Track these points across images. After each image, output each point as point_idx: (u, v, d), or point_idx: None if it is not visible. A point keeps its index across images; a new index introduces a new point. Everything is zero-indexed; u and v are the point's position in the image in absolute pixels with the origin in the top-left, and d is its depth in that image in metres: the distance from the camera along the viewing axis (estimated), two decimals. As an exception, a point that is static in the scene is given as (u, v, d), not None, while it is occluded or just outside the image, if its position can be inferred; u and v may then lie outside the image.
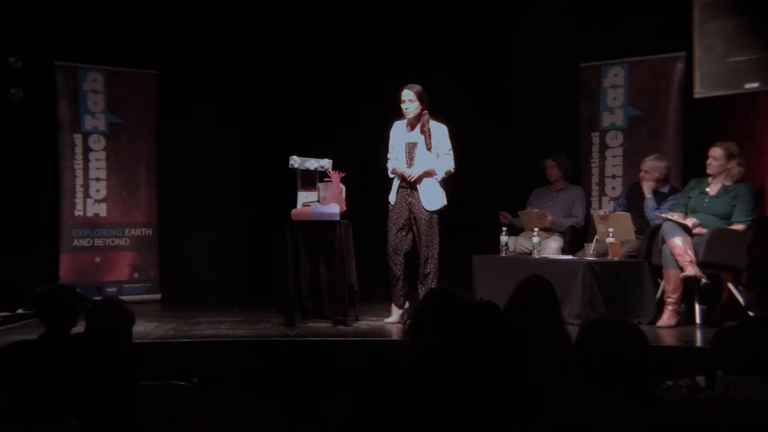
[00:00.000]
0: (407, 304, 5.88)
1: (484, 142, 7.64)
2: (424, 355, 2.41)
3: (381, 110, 6.16)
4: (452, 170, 5.87)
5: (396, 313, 5.89)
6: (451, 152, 5.87)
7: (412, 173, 5.78)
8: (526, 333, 3.02)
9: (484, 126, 7.64)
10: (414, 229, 5.85)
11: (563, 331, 3.49)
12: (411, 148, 5.85)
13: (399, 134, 5.93)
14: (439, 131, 5.86)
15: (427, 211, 5.79)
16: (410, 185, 5.83)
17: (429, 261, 5.79)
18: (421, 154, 5.82)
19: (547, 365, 2.94)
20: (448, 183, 5.94)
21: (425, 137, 5.82)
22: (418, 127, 5.84)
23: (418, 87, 5.80)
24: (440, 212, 5.85)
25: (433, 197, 5.82)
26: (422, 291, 5.72)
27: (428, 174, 5.80)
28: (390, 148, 5.97)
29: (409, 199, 5.84)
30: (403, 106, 5.81)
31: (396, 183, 5.90)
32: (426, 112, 5.82)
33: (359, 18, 7.59)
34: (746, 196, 5.71)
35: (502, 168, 7.53)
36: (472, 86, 7.71)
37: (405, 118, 5.86)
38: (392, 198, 5.91)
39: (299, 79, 7.72)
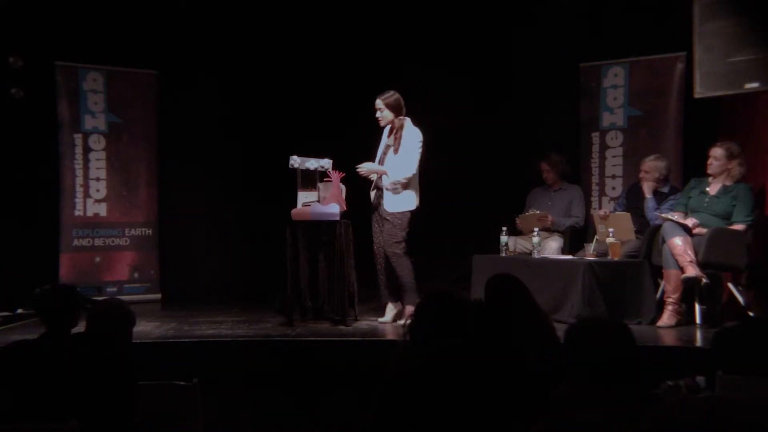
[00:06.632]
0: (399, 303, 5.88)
1: (484, 141, 7.65)
2: (424, 355, 2.41)
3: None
4: (402, 179, 5.73)
5: (390, 312, 5.87)
6: (409, 156, 5.73)
7: (361, 167, 5.80)
8: (515, 331, 3.02)
9: (484, 126, 7.64)
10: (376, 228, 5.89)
11: (547, 321, 3.47)
12: (386, 150, 5.89)
13: (384, 136, 5.97)
14: (410, 136, 5.80)
15: (388, 212, 5.77)
16: (377, 187, 5.85)
17: (396, 267, 5.72)
18: (389, 158, 5.84)
19: (541, 361, 2.95)
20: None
21: (396, 143, 5.81)
22: (394, 131, 5.85)
23: (389, 97, 5.80)
24: (403, 215, 5.77)
25: (394, 200, 5.78)
26: (403, 300, 5.77)
27: (382, 173, 5.80)
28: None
29: (378, 200, 5.88)
30: (376, 113, 5.84)
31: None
32: (401, 118, 5.80)
33: (359, 17, 7.58)
34: (746, 196, 5.71)
35: (502, 168, 7.52)
36: (472, 86, 7.71)
37: None
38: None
39: (299, 79, 7.72)
